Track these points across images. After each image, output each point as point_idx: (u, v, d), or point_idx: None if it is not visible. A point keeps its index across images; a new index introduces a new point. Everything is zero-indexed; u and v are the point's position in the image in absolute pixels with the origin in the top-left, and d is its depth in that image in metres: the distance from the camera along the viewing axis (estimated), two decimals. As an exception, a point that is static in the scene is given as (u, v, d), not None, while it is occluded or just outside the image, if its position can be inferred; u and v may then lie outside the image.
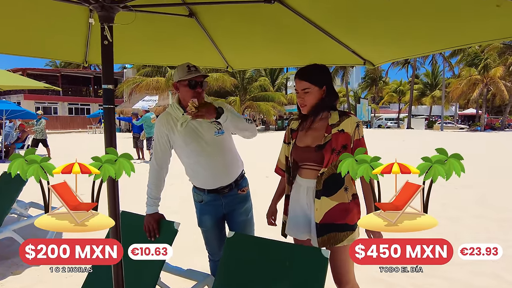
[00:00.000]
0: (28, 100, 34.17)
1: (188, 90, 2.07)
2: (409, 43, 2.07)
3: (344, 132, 1.87)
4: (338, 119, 1.90)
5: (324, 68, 1.95)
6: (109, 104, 1.54)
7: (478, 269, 3.32)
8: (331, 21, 1.99)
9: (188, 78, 2.05)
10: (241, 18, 2.14)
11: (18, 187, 3.92)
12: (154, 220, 2.10)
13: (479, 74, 31.83)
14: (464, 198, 6.31)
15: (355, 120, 1.90)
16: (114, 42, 1.52)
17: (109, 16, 1.49)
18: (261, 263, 1.79)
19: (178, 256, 3.48)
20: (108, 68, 1.54)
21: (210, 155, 2.15)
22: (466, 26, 1.71)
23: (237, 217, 2.29)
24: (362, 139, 1.88)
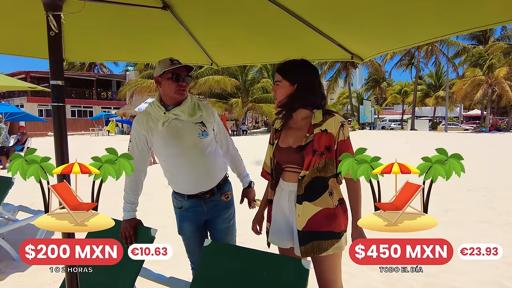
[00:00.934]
0: (31, 103, 34.34)
1: (171, 83, 1.97)
2: (400, 32, 1.94)
3: (327, 133, 1.75)
4: (321, 118, 1.78)
5: (303, 65, 1.83)
6: (58, 102, 1.43)
7: (484, 278, 3.28)
8: (313, 12, 1.88)
9: (171, 68, 1.95)
10: (220, 11, 2.02)
11: (5, 189, 3.83)
12: (130, 227, 1.99)
13: (484, 74, 31.67)
14: (469, 201, 6.25)
15: (339, 119, 1.77)
16: (82, 38, 1.45)
17: (55, 4, 1.39)
18: (237, 273, 1.72)
19: (165, 262, 3.47)
20: (56, 62, 1.42)
21: (191, 158, 2.04)
22: (464, 10, 1.54)
23: (219, 224, 2.19)
24: (347, 140, 1.76)
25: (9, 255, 3.81)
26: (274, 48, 2.56)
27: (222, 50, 2.76)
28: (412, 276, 3.29)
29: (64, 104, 1.47)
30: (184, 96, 2.04)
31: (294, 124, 1.87)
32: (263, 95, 30.17)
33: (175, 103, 2.04)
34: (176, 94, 2.00)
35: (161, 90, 2.05)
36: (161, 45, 2.71)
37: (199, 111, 2.07)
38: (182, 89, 2.00)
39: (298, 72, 1.81)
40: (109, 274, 1.97)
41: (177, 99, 2.03)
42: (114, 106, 39.96)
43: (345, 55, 2.24)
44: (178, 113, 2.01)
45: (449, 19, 1.65)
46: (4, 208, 4.23)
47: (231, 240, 2.26)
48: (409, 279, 3.26)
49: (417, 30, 1.86)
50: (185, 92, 2.03)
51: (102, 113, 34.65)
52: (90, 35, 2.31)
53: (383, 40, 2.10)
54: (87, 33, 2.22)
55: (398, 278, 3.28)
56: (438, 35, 1.84)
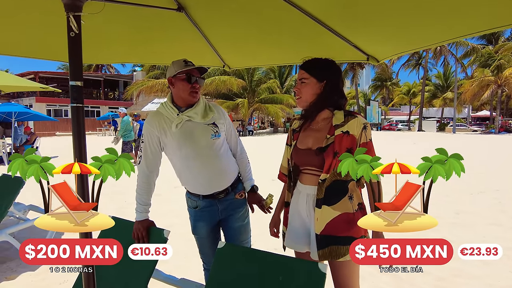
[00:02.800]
0: (39, 103, 34.73)
1: (185, 85, 1.97)
2: (417, 33, 1.90)
3: (349, 135, 1.68)
4: (343, 119, 1.72)
5: (330, 63, 1.79)
6: (77, 103, 1.43)
7: (498, 282, 3.24)
8: (330, 13, 1.86)
9: (185, 70, 1.95)
10: (234, 12, 2.00)
11: (16, 189, 3.89)
12: (143, 228, 1.99)
13: (493, 75, 31.30)
14: (480, 204, 6.17)
15: (362, 121, 1.71)
16: (97, 40, 1.46)
17: (75, 5, 1.40)
18: (252, 276, 1.68)
19: (176, 263, 3.49)
20: (75, 63, 1.43)
21: (205, 159, 2.03)
22: (481, 11, 1.52)
23: (233, 222, 2.18)
24: (369, 143, 1.70)
25: (20, 254, 3.86)
26: (287, 49, 2.53)
27: (235, 52, 2.74)
28: (422, 279, 3.26)
29: (83, 104, 1.46)
30: (196, 99, 2.04)
31: (314, 125, 1.81)
32: (269, 96, 30.17)
33: (187, 104, 2.04)
34: (189, 96, 2.01)
35: (173, 91, 2.05)
36: (174, 46, 2.69)
37: (211, 113, 2.08)
38: (195, 90, 2.00)
39: (326, 69, 1.76)
40: (123, 275, 1.98)
41: (190, 101, 2.03)
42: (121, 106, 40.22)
43: (361, 56, 2.21)
44: (192, 115, 2.02)
45: (467, 20, 1.62)
46: (16, 207, 4.32)
47: (246, 240, 2.25)
48: (420, 282, 3.22)
49: (435, 31, 1.82)
50: (197, 94, 2.03)
51: (109, 113, 34.89)
52: (104, 37, 2.30)
53: (400, 41, 2.07)
54: (100, 35, 2.22)
55: (409, 281, 3.25)
56: (455, 36, 1.80)
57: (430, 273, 3.38)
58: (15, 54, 2.47)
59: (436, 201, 6.35)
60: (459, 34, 1.79)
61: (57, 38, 2.05)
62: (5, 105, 14.85)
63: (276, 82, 32.46)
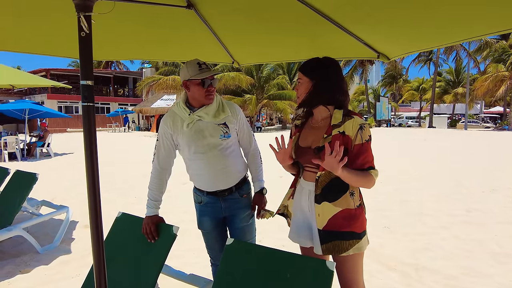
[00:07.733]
0: (51, 100, 35.21)
1: (200, 89, 2.03)
2: (430, 32, 1.85)
3: (345, 135, 1.69)
4: (341, 119, 1.73)
5: (324, 61, 1.80)
6: (88, 102, 1.44)
7: (510, 282, 3.19)
8: (341, 11, 1.83)
9: (202, 78, 2.00)
10: (244, 9, 1.99)
11: (29, 185, 3.99)
12: (152, 223, 2.05)
13: (507, 70, 30.66)
14: (492, 202, 6.07)
15: (358, 121, 1.70)
16: (107, 37, 1.45)
17: (85, 5, 1.40)
18: (260, 273, 1.69)
19: (184, 259, 3.52)
20: (86, 62, 1.43)
21: (211, 158, 2.08)
22: (496, 11, 1.45)
23: (237, 222, 2.20)
24: (366, 144, 1.68)
25: (34, 248, 3.94)
26: (297, 46, 2.53)
27: (244, 48, 2.72)
28: (432, 277, 3.24)
29: (94, 103, 1.47)
30: (211, 101, 2.08)
31: (314, 124, 1.86)
32: (278, 92, 30.05)
33: (201, 105, 2.09)
34: (205, 99, 2.05)
35: (189, 94, 2.10)
36: (183, 43, 2.70)
37: (223, 113, 2.11)
38: (210, 94, 2.04)
39: (316, 68, 1.79)
40: (133, 270, 2.02)
41: (205, 103, 2.08)
42: (131, 103, 40.59)
43: (371, 54, 2.20)
44: (202, 115, 2.06)
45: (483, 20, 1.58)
46: (29, 202, 4.42)
47: (250, 239, 2.27)
48: (429, 280, 3.20)
49: (449, 31, 1.79)
50: (213, 96, 2.07)
51: (119, 110, 35.23)
52: (114, 33, 2.32)
53: (413, 39, 2.03)
54: (111, 31, 2.24)
55: (417, 279, 3.23)
56: (472, 36, 1.75)
57: (440, 271, 3.36)
58: (27, 51, 2.50)
59: (447, 198, 6.30)
60: (475, 34, 1.74)
61: (68, 36, 2.07)
62: (18, 102, 15.13)
63: (285, 78, 32.31)
